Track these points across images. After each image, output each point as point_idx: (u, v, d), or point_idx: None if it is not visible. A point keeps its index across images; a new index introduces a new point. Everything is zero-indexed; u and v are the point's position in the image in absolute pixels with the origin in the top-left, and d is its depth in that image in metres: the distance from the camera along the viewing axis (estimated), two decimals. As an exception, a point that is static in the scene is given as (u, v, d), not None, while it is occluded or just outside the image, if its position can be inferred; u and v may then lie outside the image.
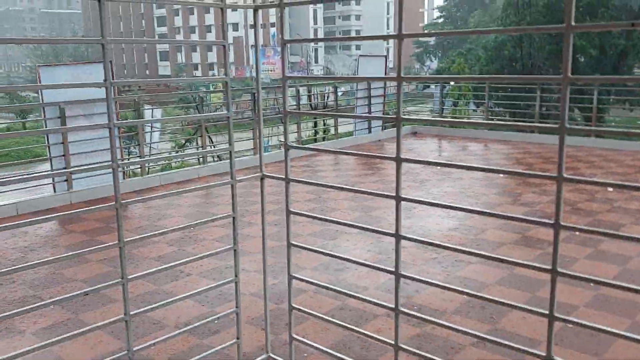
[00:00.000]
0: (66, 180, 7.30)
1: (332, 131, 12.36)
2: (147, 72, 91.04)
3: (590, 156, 9.50)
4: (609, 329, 1.54)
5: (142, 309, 2.18)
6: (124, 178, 8.55)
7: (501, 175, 7.96)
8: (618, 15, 21.68)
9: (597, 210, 6.41)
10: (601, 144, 10.17)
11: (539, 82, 11.00)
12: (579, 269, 4.67)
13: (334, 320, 2.34)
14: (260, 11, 2.30)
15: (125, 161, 10.35)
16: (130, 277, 2.05)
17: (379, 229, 2.06)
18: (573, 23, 1.42)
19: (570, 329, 3.54)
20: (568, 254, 4.99)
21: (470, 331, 1.90)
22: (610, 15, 21.37)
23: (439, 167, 8.50)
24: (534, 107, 11.94)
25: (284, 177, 2.25)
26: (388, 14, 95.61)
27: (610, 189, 6.76)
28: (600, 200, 6.78)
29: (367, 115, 11.41)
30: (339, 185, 2.20)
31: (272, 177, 2.40)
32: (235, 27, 78.64)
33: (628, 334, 1.48)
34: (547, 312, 1.63)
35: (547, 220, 1.57)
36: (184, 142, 17.54)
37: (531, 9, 22.21)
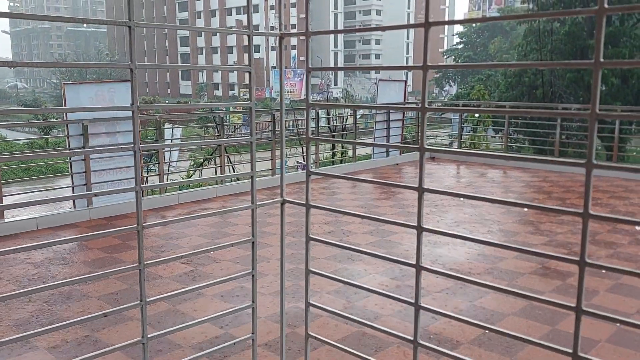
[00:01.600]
0: (85, 198, 7.38)
1: (350, 153, 12.38)
2: (169, 91, 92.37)
3: (611, 186, 9.38)
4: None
5: (159, 332, 2.18)
6: (142, 196, 8.62)
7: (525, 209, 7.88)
8: (640, 45, 21.57)
9: (618, 242, 6.30)
10: (622, 175, 10.04)
11: (564, 115, 10.91)
12: (599, 302, 4.58)
13: (350, 350, 2.31)
14: (285, 37, 2.33)
15: (149, 184, 10.45)
16: (149, 299, 2.05)
17: (400, 259, 2.04)
18: (602, 59, 1.42)
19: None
20: (588, 285, 4.90)
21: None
22: (632, 44, 21.28)
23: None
24: (553, 135, 11.85)
25: (303, 202, 2.25)
26: (408, 39, 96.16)
27: (638, 227, 6.65)
28: (621, 231, 6.67)
29: (390, 144, 11.43)
30: (360, 214, 2.19)
31: (293, 203, 2.40)
32: (257, 48, 79.62)
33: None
34: (570, 350, 1.60)
35: (572, 258, 1.54)
36: (202, 161, 17.68)
37: (553, 36, 22.19)
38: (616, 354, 3.73)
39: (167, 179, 11.88)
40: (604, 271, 1.51)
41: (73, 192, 7.53)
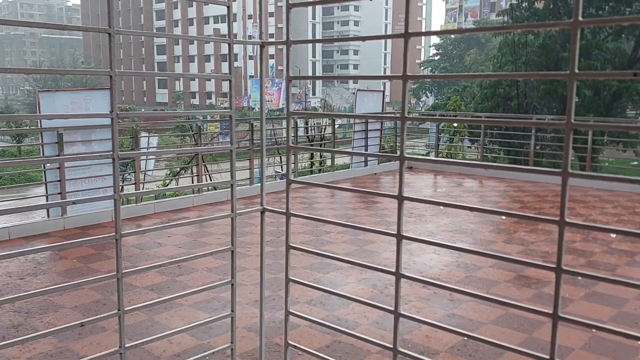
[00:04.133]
0: (61, 206, 7.26)
1: (329, 163, 12.41)
2: (145, 99, 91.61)
3: (585, 196, 9.55)
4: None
5: (137, 342, 2.15)
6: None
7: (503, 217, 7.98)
8: (612, 58, 22.11)
9: (593, 250, 6.41)
10: (596, 185, 10.24)
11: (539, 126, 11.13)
12: (574, 310, 4.65)
13: (329, 358, 2.31)
14: (265, 47, 2.33)
15: (126, 192, 10.32)
16: (127, 308, 2.02)
17: (380, 267, 2.05)
18: (576, 70, 1.45)
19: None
20: (563, 294, 4.97)
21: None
22: (604, 57, 21.79)
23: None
24: (528, 145, 12.04)
25: (283, 210, 2.25)
26: (385, 50, 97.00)
27: (613, 235, 6.78)
28: (595, 240, 6.79)
29: (370, 153, 11.44)
30: (340, 222, 2.20)
31: (273, 211, 2.40)
32: (235, 57, 79.46)
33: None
34: (547, 356, 1.62)
35: (549, 265, 1.57)
36: (179, 170, 17.55)
37: (527, 49, 22.61)
38: (590, 360, 3.79)
39: (143, 189, 11.76)
40: (579, 278, 1.54)
41: (47, 201, 7.41)
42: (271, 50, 79.58)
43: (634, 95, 21.66)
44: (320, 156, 14.82)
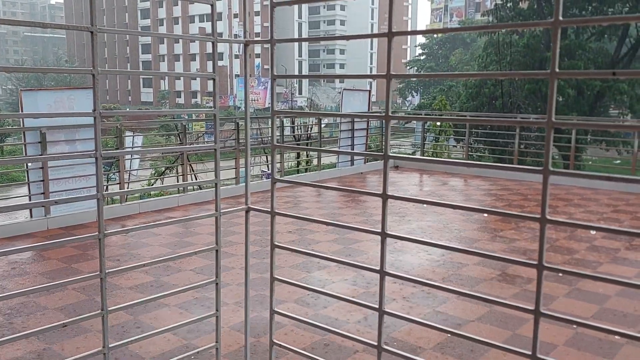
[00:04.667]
0: (44, 206, 7.19)
1: (315, 162, 12.42)
2: (130, 98, 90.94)
3: (568, 194, 9.65)
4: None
5: (121, 342, 2.14)
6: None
7: (485, 215, 8.04)
8: (594, 58, 22.35)
9: (576, 248, 6.48)
10: (579, 183, 10.35)
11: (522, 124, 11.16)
12: (558, 307, 4.70)
13: (315, 357, 2.31)
14: (249, 45, 2.33)
15: (110, 191, 10.23)
16: (110, 308, 2.01)
17: (364, 265, 2.06)
18: (557, 69, 1.47)
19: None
20: (546, 292, 5.02)
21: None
22: (587, 57, 22.02)
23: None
24: (512, 145, 12.14)
25: (268, 209, 2.25)
26: (371, 49, 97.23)
27: (593, 232, 6.85)
28: (578, 238, 6.86)
29: (355, 152, 11.49)
30: (325, 221, 2.21)
31: (258, 210, 2.39)
32: (220, 56, 79.23)
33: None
34: (529, 352, 1.64)
35: (531, 262, 1.59)
36: (164, 169, 17.44)
37: (511, 48, 22.79)
38: (574, 356, 3.83)
39: (128, 189, 11.68)
40: (560, 275, 1.56)
41: (30, 201, 7.33)
42: (257, 49, 79.40)
43: (617, 95, 21.91)
44: (307, 155, 14.81)
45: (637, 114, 21.73)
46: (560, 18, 1.46)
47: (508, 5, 24.36)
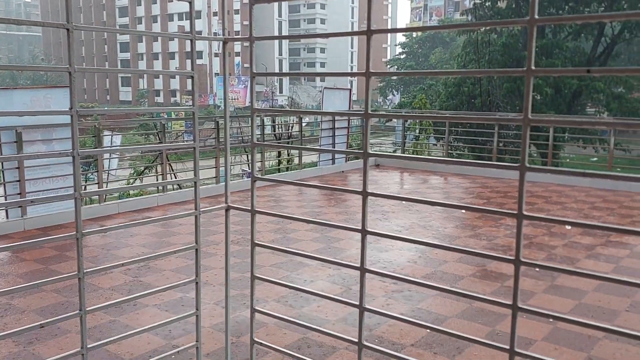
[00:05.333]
0: (20, 206, 7.08)
1: (296, 161, 12.41)
2: (108, 97, 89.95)
3: (546, 192, 9.78)
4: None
5: (99, 342, 2.11)
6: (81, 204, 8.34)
7: (462, 211, 8.12)
8: (571, 57, 22.67)
9: (553, 244, 6.57)
10: (557, 180, 10.50)
11: (499, 122, 11.30)
12: (536, 303, 4.76)
13: (296, 354, 2.31)
14: (228, 43, 2.32)
15: (88, 191, 10.11)
16: (89, 309, 1.99)
17: (344, 262, 2.07)
18: (533, 67, 1.49)
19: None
20: (525, 287, 5.08)
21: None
22: (564, 56, 22.33)
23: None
24: (492, 143, 12.26)
25: (249, 208, 2.24)
26: (352, 48, 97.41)
27: (569, 227, 6.96)
28: (556, 234, 6.96)
29: (335, 150, 11.52)
30: (306, 219, 2.21)
31: (238, 209, 2.39)
32: (200, 55, 78.74)
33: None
34: (507, 347, 1.66)
35: (508, 257, 1.61)
36: (143, 169, 17.27)
37: (490, 47, 23.01)
38: (552, 351, 3.89)
39: (107, 188, 11.55)
40: (537, 269, 1.58)
41: (6, 201, 7.21)
42: (237, 48, 79.07)
43: (593, 94, 22.26)
44: (288, 154, 14.79)
45: (613, 112, 22.09)
46: (536, 17, 1.48)
47: (487, 4, 24.61)
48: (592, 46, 23.75)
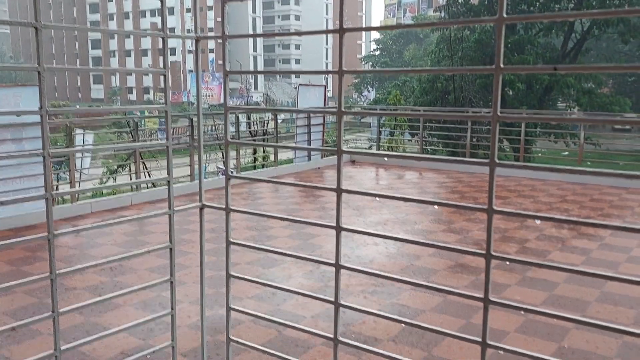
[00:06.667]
0: (-10, 207, 6.94)
1: (272, 158, 12.38)
2: (80, 95, 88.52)
3: (518, 186, 9.94)
4: (536, 354, 1.61)
5: (73, 344, 2.09)
6: (52, 205, 8.21)
7: (436, 206, 8.20)
8: (543, 53, 23.04)
9: (526, 238, 6.69)
10: (529, 174, 10.67)
11: (470, 118, 11.34)
12: (509, 295, 4.84)
13: (272, 352, 2.32)
14: (201, 41, 2.31)
15: (59, 191, 9.94)
16: (62, 310, 1.97)
17: (319, 259, 2.08)
18: (502, 65, 1.52)
19: (502, 355, 3.65)
20: (498, 280, 5.17)
21: (406, 359, 1.93)
22: (536, 52, 22.68)
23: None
24: (465, 138, 12.41)
25: (223, 206, 2.24)
26: (327, 44, 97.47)
27: (538, 222, 7.07)
28: (528, 228, 7.08)
29: (310, 147, 11.52)
30: (281, 216, 2.21)
31: (212, 207, 2.38)
32: (173, 51, 77.95)
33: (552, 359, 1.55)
34: (479, 339, 1.69)
35: (479, 251, 1.64)
36: (116, 167, 17.06)
37: (463, 44, 23.24)
38: (525, 342, 3.96)
39: (79, 188, 11.38)
40: (507, 263, 1.61)
41: (-25, 203, 7.05)
42: (211, 44, 78.50)
43: (564, 89, 22.66)
44: (264, 151, 14.75)
45: (583, 106, 22.53)
46: (505, 15, 1.50)
47: (459, 1, 24.83)
48: (562, 42, 24.16)
